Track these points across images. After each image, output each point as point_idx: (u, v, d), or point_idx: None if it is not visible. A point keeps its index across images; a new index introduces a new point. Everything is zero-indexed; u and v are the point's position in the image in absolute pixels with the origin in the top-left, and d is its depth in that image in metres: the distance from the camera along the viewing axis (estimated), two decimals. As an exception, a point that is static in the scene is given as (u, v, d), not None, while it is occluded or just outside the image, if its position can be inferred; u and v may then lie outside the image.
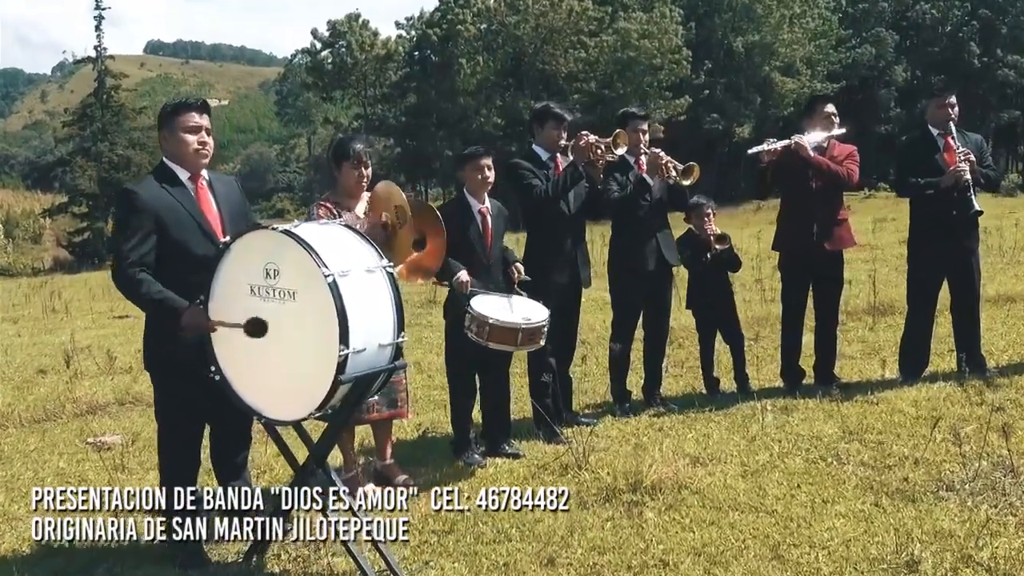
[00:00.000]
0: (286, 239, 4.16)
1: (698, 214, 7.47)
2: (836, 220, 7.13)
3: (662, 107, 54.55)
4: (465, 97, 56.50)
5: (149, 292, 4.41)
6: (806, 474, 5.38)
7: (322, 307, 4.04)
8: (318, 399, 4.13)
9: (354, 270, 4.20)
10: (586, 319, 10.70)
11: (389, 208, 5.20)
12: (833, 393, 6.99)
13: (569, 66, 55.45)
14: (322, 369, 4.08)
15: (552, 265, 6.40)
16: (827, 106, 7.22)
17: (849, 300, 10.68)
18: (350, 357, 4.07)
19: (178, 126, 4.64)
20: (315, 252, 4.09)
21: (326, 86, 65.83)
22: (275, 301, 4.22)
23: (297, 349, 4.21)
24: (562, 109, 6.51)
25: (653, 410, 7.04)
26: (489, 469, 5.88)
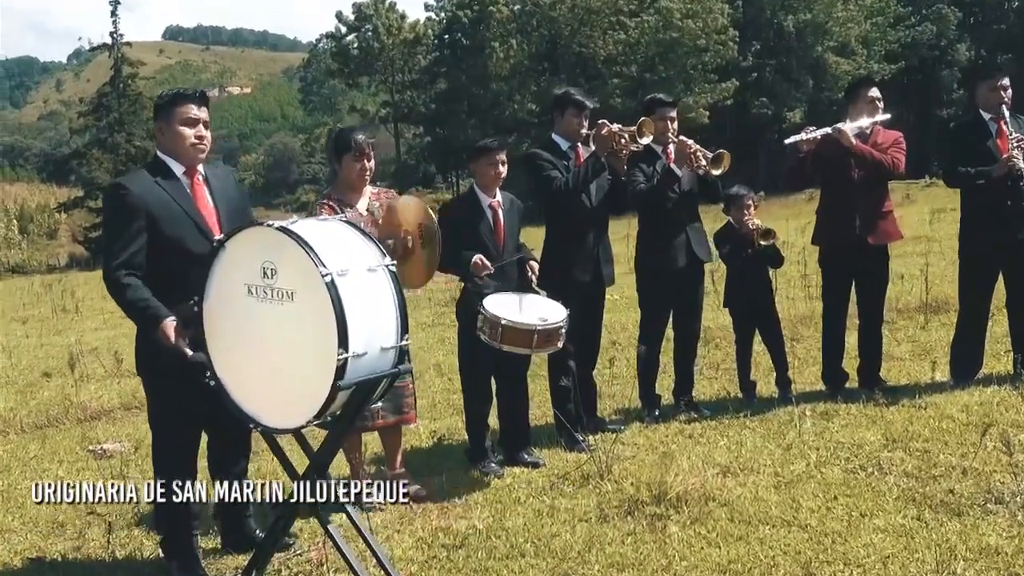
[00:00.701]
0: (283, 237, 4.14)
1: (738, 206, 7.40)
2: (880, 212, 7.04)
3: (707, 91, 54.35)
4: (498, 82, 56.55)
5: (132, 299, 4.40)
6: (844, 485, 5.31)
7: (320, 308, 4.03)
8: (317, 406, 4.11)
9: (354, 269, 4.18)
10: (617, 318, 10.72)
11: (411, 224, 5.21)
12: (877, 397, 6.90)
13: (608, 48, 55.32)
14: (321, 374, 4.06)
15: (573, 262, 6.37)
16: (870, 90, 7.13)
17: (900, 296, 10.57)
18: (350, 361, 4.05)
19: (175, 118, 4.65)
20: (312, 250, 4.07)
21: (352, 72, 66.16)
22: (273, 302, 4.21)
23: (296, 353, 4.20)
24: (583, 96, 6.47)
25: (684, 415, 6.99)
26: (506, 479, 5.87)
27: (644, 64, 55.51)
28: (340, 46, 67.02)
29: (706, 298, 11.65)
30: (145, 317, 4.39)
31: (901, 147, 7.05)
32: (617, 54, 55.53)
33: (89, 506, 5.78)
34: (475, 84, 57.78)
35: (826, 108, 58.18)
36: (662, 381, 7.47)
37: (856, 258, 7.07)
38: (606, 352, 9.30)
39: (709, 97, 54.27)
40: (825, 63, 57.41)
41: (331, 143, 5.64)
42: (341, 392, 4.09)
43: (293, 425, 4.29)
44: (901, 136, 7.14)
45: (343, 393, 4.13)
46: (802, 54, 58.13)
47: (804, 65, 57.90)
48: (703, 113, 53.64)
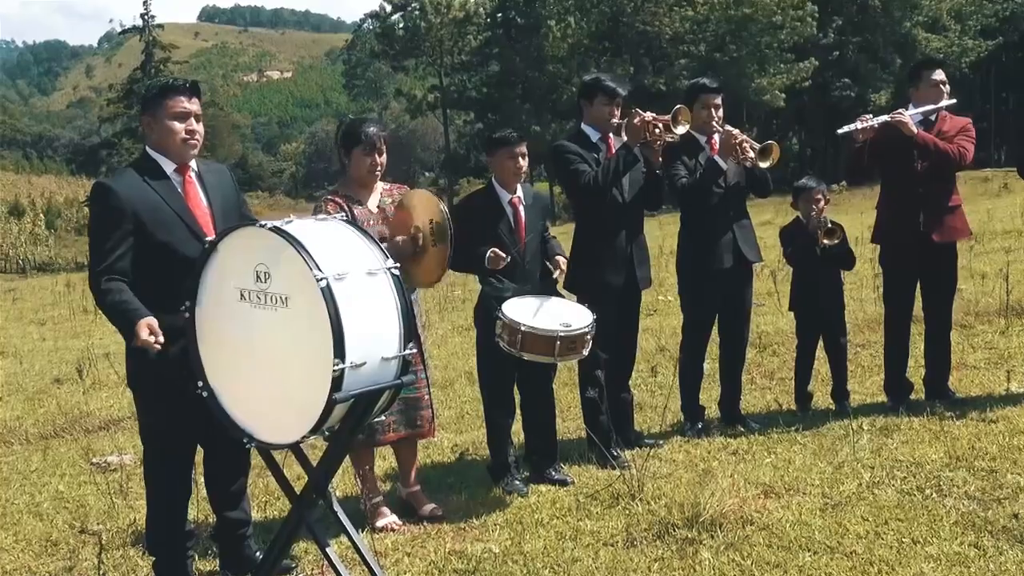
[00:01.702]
0: (276, 238, 4.19)
1: (806, 199, 7.34)
2: (946, 207, 6.95)
3: (783, 72, 53.92)
4: (554, 64, 56.48)
5: (112, 302, 4.42)
6: (898, 508, 5.24)
7: (315, 315, 4.07)
8: (312, 419, 4.15)
9: (353, 272, 4.21)
10: (668, 322, 10.68)
11: (422, 221, 5.23)
12: (943, 410, 6.82)
13: (674, 26, 55.06)
14: (316, 385, 4.10)
15: (604, 263, 6.35)
16: (935, 72, 7.04)
17: (979, 298, 10.41)
18: (347, 372, 4.08)
19: (164, 112, 4.68)
20: (307, 252, 4.11)
21: (397, 54, 66.48)
22: (267, 308, 4.26)
23: (290, 363, 4.24)
24: (615, 82, 6.44)
25: (730, 429, 6.95)
26: (530, 498, 5.87)
27: (714, 43, 55.15)
28: (385, 26, 67.35)
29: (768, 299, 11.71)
30: (124, 320, 4.37)
31: (969, 135, 6.95)
32: (684, 32, 55.24)
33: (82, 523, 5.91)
34: (530, 66, 57.80)
35: (916, 89, 57.62)
36: (708, 391, 7.43)
37: (920, 257, 6.98)
38: (652, 358, 9.32)
39: (785, 78, 53.80)
40: (914, 40, 56.64)
41: (339, 136, 5.66)
42: (338, 405, 4.13)
43: (287, 440, 4.34)
44: (970, 123, 7.04)
45: (340, 406, 4.16)
46: (889, 30, 57.43)
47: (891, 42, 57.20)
48: (779, 96, 53.29)
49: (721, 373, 7.27)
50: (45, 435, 8.57)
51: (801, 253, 7.27)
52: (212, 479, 5.01)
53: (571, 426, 7.27)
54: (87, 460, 7.46)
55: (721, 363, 7.25)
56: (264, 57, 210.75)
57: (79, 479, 7.01)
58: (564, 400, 7.97)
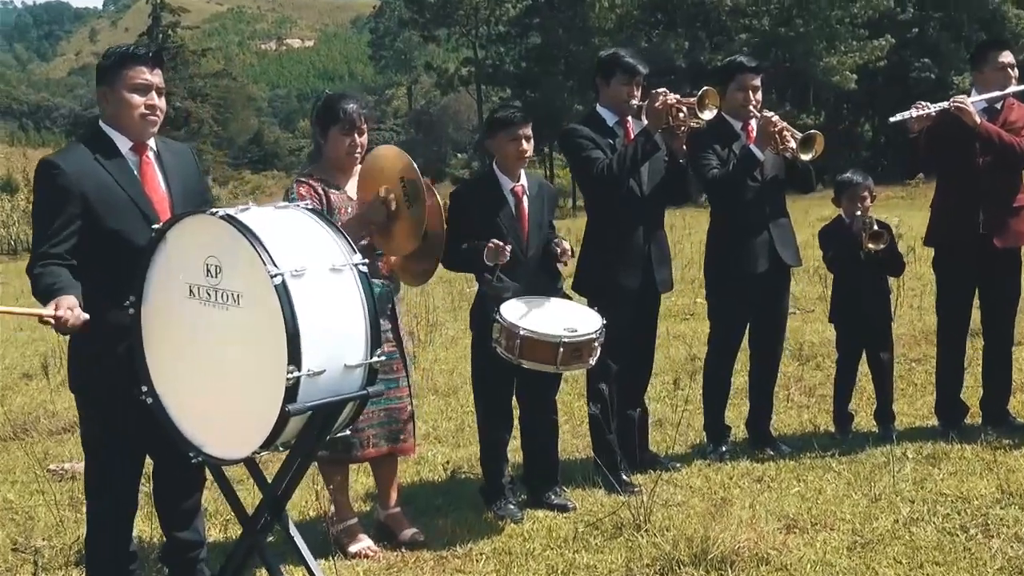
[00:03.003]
0: (228, 228, 4.12)
1: (851, 196, 7.17)
2: (1010, 208, 6.81)
3: (855, 50, 53.45)
4: (601, 37, 56.25)
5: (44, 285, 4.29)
6: (936, 549, 5.12)
7: (269, 316, 4.00)
8: (264, 432, 4.09)
9: (313, 268, 4.14)
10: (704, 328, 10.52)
11: (391, 180, 5.13)
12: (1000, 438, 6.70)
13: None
14: (269, 395, 4.03)
15: (618, 263, 6.25)
16: (1001, 55, 6.87)
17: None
18: (303, 381, 4.01)
19: (122, 83, 4.59)
20: (261, 244, 4.04)
21: (428, 23, 66.45)
22: (217, 306, 4.20)
23: (242, 368, 4.19)
24: (634, 58, 6.33)
25: (757, 452, 6.83)
26: (525, 524, 5.79)
27: (778, 16, 54.77)
28: (415, -9, 67.37)
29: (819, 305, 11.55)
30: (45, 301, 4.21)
31: (1040, 127, 6.80)
32: (746, 4, 54.94)
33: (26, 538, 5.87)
34: (574, 39, 57.65)
35: (1003, 72, 57.06)
36: (738, 408, 7.33)
37: (979, 263, 6.85)
38: (683, 368, 9.21)
39: (858, 57, 53.36)
40: (1003, 16, 56.01)
41: (316, 113, 5.58)
42: (293, 418, 4.06)
43: (237, 455, 4.28)
44: (1041, 111, 6.89)
45: (296, 419, 4.09)
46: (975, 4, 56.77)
47: (976, 18, 56.55)
48: (850, 77, 52.88)
49: (750, 389, 7.16)
50: (5, 437, 8.56)
51: (843, 257, 7.12)
52: (162, 495, 4.93)
53: (580, 443, 7.17)
54: (43, 466, 7.43)
55: (751, 378, 7.14)
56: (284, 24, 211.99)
57: (32, 487, 6.98)
58: (576, 413, 7.88)
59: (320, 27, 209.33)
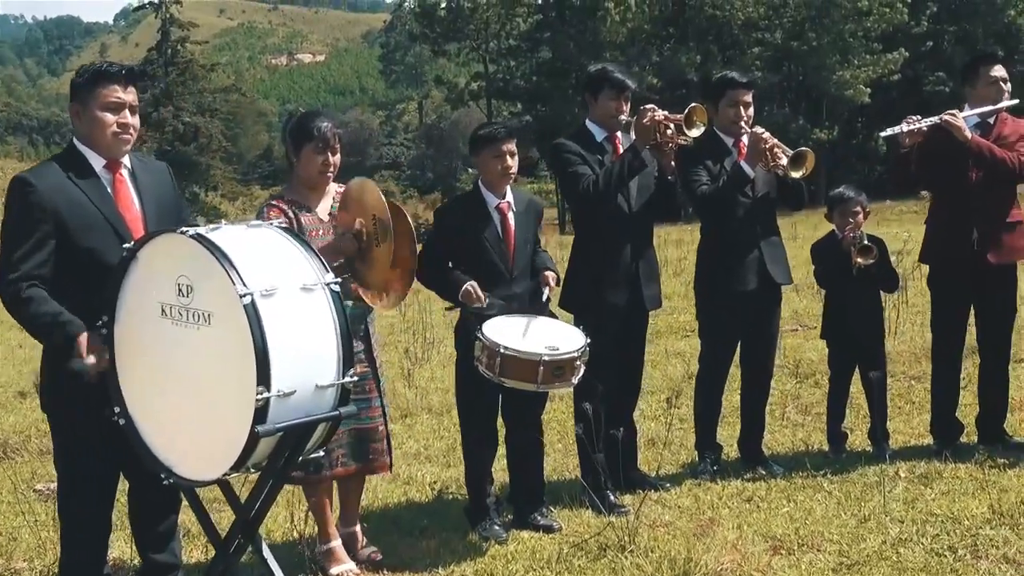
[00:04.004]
0: (198, 247, 4.13)
1: (842, 211, 7.15)
2: (1004, 223, 6.78)
3: (869, 64, 53.34)
4: (612, 51, 56.22)
5: (37, 313, 4.38)
6: (923, 571, 5.11)
7: (238, 335, 4.01)
8: (234, 454, 4.09)
9: (284, 288, 4.15)
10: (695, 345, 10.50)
11: (365, 215, 5.13)
12: (995, 457, 6.66)
13: (747, 11, 54.70)
14: (239, 416, 4.04)
15: (605, 280, 6.23)
16: (993, 69, 6.87)
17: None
18: (273, 401, 4.02)
19: (95, 101, 4.62)
20: (231, 264, 4.05)
21: (438, 37, 66.46)
22: (189, 325, 4.21)
23: (213, 389, 4.19)
24: (623, 74, 6.33)
25: (748, 472, 6.81)
26: (509, 545, 5.77)
27: (791, 30, 54.74)
28: (425, 5, 67.42)
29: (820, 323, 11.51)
30: (55, 333, 4.37)
31: (1035, 140, 6.78)
32: (759, 18, 54.87)
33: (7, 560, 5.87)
34: (585, 53, 57.46)
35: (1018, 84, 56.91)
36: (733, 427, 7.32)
37: (974, 280, 6.82)
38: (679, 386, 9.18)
39: (872, 71, 53.24)
40: (1018, 30, 55.93)
41: (289, 131, 5.57)
42: (263, 439, 4.06)
43: (208, 477, 4.29)
44: (1035, 126, 6.87)
45: (266, 440, 4.10)
46: (989, 18, 56.69)
47: (991, 32, 56.41)
48: (863, 91, 52.74)
49: (742, 408, 7.13)
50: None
51: (834, 273, 7.10)
52: (137, 516, 4.95)
53: (572, 463, 7.15)
54: (30, 486, 7.44)
55: (742, 397, 7.12)
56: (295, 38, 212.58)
57: (17, 508, 6.97)
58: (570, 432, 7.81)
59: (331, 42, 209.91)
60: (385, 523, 6.29)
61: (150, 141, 67.55)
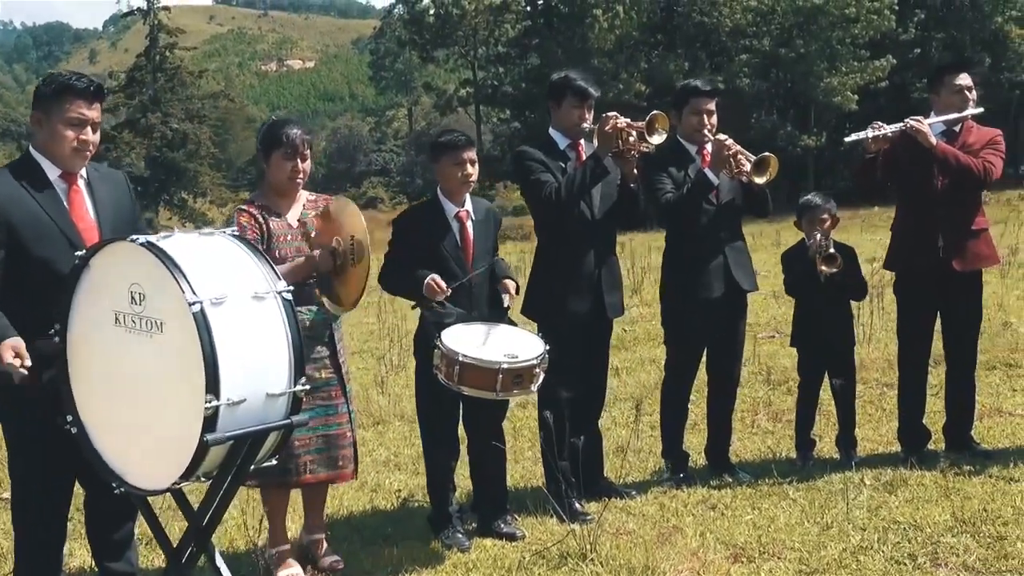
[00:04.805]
0: (148, 255, 4.13)
1: (810, 219, 7.16)
2: (969, 231, 6.80)
3: (856, 71, 53.44)
4: (600, 58, 56.34)
5: None
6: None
7: (188, 344, 4.01)
8: (183, 463, 4.08)
9: (234, 296, 4.15)
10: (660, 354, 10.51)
11: (343, 234, 5.16)
12: (961, 464, 6.68)
13: (735, 18, 54.84)
14: (188, 425, 4.04)
15: (567, 288, 6.23)
16: (958, 77, 6.86)
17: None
18: (223, 410, 4.02)
19: (58, 114, 4.60)
20: (180, 272, 4.05)
21: (427, 43, 66.56)
22: (141, 333, 4.20)
23: (163, 397, 4.19)
24: (586, 81, 6.33)
25: (716, 479, 6.81)
26: (472, 553, 5.76)
27: (779, 37, 54.81)
28: (414, 12, 67.48)
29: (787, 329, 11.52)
30: None
31: (997, 149, 6.79)
32: (746, 24, 54.97)
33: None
34: (573, 60, 57.38)
35: (1007, 92, 57.02)
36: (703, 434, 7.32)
37: (940, 287, 6.83)
38: (652, 393, 9.18)
39: (859, 78, 53.36)
40: (1005, 36, 56.09)
41: (259, 138, 5.59)
42: (212, 448, 4.05)
43: (159, 486, 4.29)
44: (999, 135, 6.88)
45: (216, 449, 4.09)
46: (977, 25, 56.88)
47: (978, 39, 56.60)
48: (851, 98, 52.83)
49: (708, 415, 7.14)
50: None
51: (803, 281, 7.10)
52: (93, 525, 4.95)
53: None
54: (-5, 494, 7.42)
55: (709, 404, 7.12)
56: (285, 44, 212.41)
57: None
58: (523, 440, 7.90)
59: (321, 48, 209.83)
60: (349, 531, 6.28)
61: (138, 147, 67.53)
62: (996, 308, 11.89)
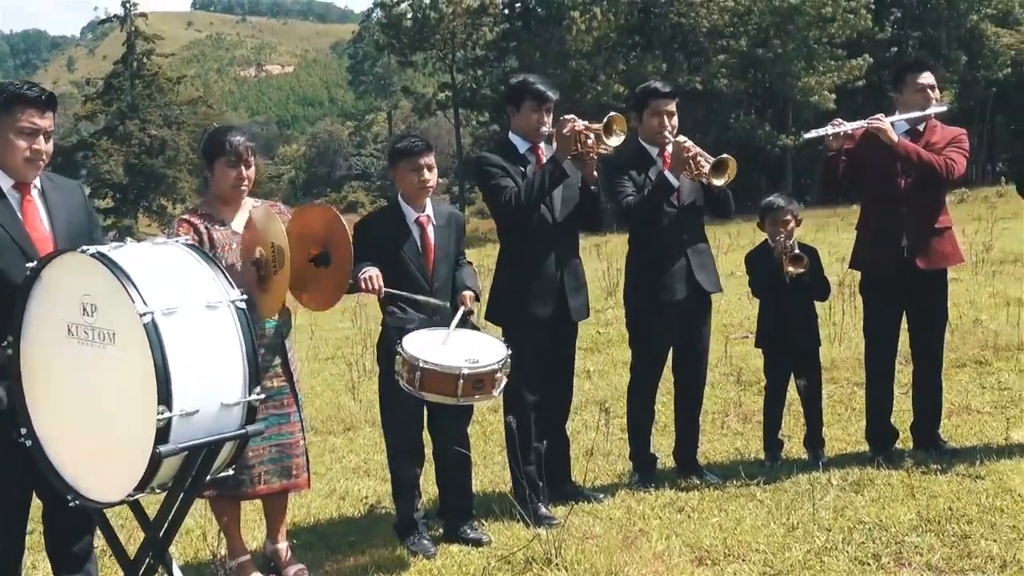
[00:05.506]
0: (99, 265, 4.10)
1: (773, 220, 7.17)
2: (933, 229, 6.81)
3: (833, 70, 53.70)
4: (578, 60, 56.44)
5: None
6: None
7: (140, 355, 3.98)
8: (138, 475, 4.06)
9: (186, 306, 4.12)
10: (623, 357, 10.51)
11: (265, 244, 5.11)
12: (928, 463, 6.67)
13: (712, 19, 54.99)
14: (142, 437, 4.01)
15: (530, 292, 6.22)
16: (920, 76, 6.88)
17: (1000, 332, 10.21)
18: (175, 421, 4.00)
19: (10, 123, 4.57)
20: (131, 283, 4.02)
21: (404, 47, 66.45)
22: (94, 345, 4.18)
23: (116, 409, 4.17)
24: (544, 85, 6.32)
25: (683, 481, 6.80)
26: (437, 560, 5.73)
27: (756, 37, 55.02)
28: (391, 16, 67.34)
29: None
30: None
31: (960, 147, 6.80)
32: (724, 25, 55.13)
33: None
34: (551, 62, 57.63)
35: (983, 90, 57.32)
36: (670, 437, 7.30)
37: (905, 286, 6.84)
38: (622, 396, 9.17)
39: (836, 77, 53.63)
40: (981, 34, 56.40)
41: (202, 145, 5.55)
42: (166, 460, 4.03)
43: (113, 498, 4.26)
44: (963, 134, 6.90)
45: (170, 460, 4.06)
46: (953, 24, 57.21)
47: (955, 37, 56.98)
48: (828, 97, 53.09)
49: (676, 417, 7.13)
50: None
51: (768, 281, 7.11)
52: (52, 538, 4.91)
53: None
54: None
55: (676, 406, 7.12)
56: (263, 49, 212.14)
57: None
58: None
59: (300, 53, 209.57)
60: (315, 539, 6.26)
61: (116, 154, 67.37)
62: (968, 305, 11.93)
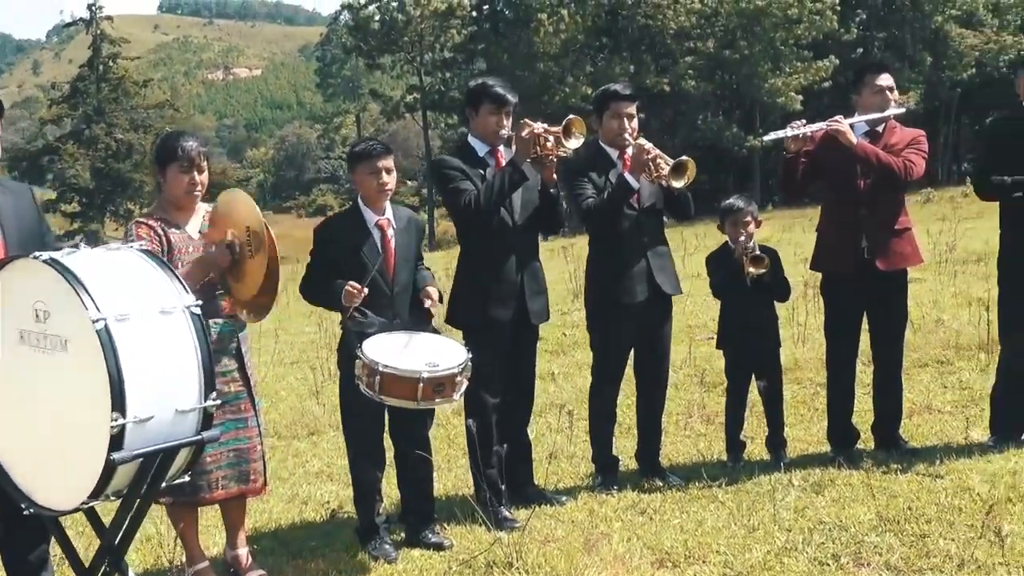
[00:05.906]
0: (51, 271, 4.07)
1: (733, 221, 7.19)
2: (892, 230, 6.85)
3: (800, 71, 53.92)
4: (546, 62, 56.54)
5: None
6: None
7: (92, 361, 3.96)
8: (91, 483, 4.03)
9: (139, 312, 4.10)
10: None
11: (238, 227, 5.09)
12: (889, 463, 6.69)
13: (679, 20, 55.11)
14: (95, 444, 3.99)
15: (490, 295, 6.22)
16: (879, 78, 6.92)
17: (962, 332, 10.27)
18: (129, 428, 3.98)
19: None
20: (84, 288, 4.00)
21: (372, 50, 66.31)
22: (47, 352, 4.15)
23: (70, 416, 4.14)
24: (503, 88, 6.32)
25: (647, 484, 6.80)
26: (399, 564, 5.72)
27: (723, 39, 55.22)
28: (359, 19, 67.19)
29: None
30: None
31: (919, 149, 6.84)
32: (691, 27, 55.28)
33: None
34: (519, 64, 57.74)
35: (948, 91, 57.64)
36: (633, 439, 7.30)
37: (865, 287, 6.87)
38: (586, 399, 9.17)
39: (802, 78, 53.86)
40: (946, 36, 56.71)
41: (155, 151, 5.53)
42: (120, 466, 4.00)
43: (68, 506, 4.23)
44: (922, 135, 6.94)
45: (125, 467, 4.04)
46: (918, 25, 57.52)
47: (920, 38, 57.29)
48: (795, 98, 53.29)
49: (638, 419, 7.13)
50: None
51: (728, 283, 7.13)
52: (7, 546, 4.87)
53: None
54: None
55: (638, 408, 7.12)
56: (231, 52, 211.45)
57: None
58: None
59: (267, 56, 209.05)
60: (275, 544, 6.24)
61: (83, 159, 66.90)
62: (930, 305, 11.98)
